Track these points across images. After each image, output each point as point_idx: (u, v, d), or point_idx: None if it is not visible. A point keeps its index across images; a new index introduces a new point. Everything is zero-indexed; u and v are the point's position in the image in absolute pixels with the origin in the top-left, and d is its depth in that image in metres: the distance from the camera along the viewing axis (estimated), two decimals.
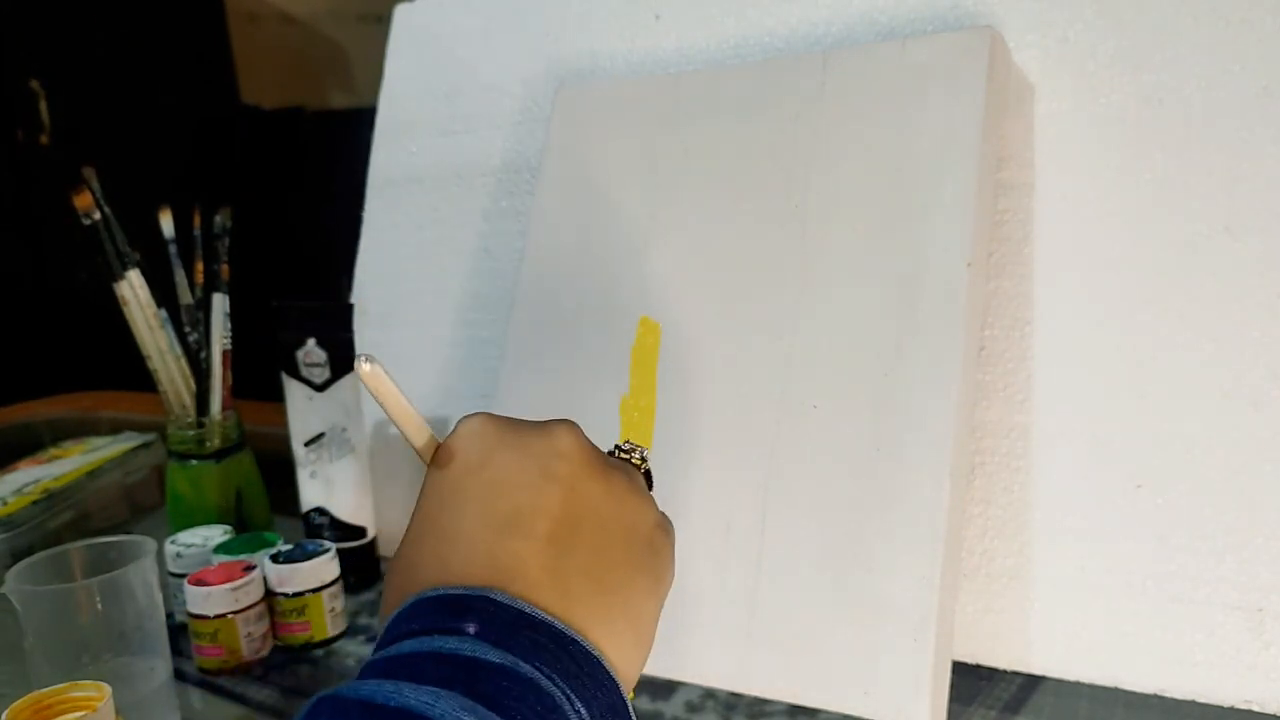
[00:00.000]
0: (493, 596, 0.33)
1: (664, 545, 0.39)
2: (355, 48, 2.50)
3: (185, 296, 0.73)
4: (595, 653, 0.34)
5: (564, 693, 0.32)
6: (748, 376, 0.58)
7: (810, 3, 0.65)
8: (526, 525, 0.35)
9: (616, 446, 0.41)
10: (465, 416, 0.38)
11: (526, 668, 0.31)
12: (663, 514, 0.40)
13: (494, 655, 0.31)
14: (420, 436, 0.38)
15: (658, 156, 0.65)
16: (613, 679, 0.34)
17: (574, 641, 0.33)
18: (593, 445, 0.38)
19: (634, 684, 0.36)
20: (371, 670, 0.31)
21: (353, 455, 0.72)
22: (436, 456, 0.38)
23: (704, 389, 0.60)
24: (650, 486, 0.41)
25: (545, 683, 0.31)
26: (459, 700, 0.29)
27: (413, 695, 0.29)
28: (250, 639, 0.62)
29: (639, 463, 0.41)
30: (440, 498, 0.37)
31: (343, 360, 0.71)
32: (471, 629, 0.32)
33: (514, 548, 0.34)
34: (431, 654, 0.31)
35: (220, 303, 0.74)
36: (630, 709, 0.34)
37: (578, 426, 0.38)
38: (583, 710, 0.32)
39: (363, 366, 0.36)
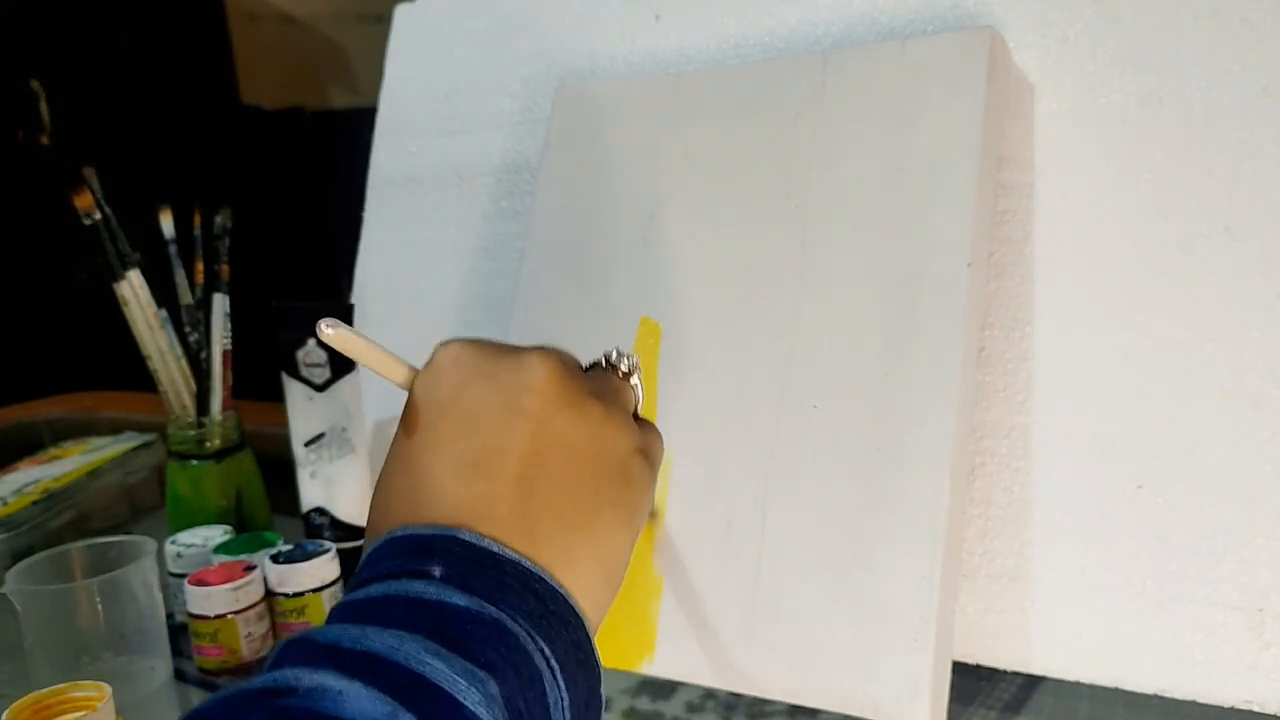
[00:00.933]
0: (459, 536, 0.33)
1: (639, 473, 0.38)
2: (355, 48, 2.50)
3: (185, 296, 0.73)
4: (561, 590, 0.34)
5: (528, 632, 0.32)
6: (748, 376, 0.58)
7: (810, 3, 0.65)
8: (494, 465, 0.35)
9: (605, 355, 0.41)
10: (442, 343, 0.38)
11: (491, 609, 0.32)
12: (645, 434, 0.39)
13: (459, 598, 0.31)
14: (399, 374, 0.38)
15: (658, 156, 0.65)
16: (577, 615, 0.34)
17: (540, 580, 0.34)
18: (569, 372, 0.37)
19: (602, 618, 0.36)
20: (340, 613, 0.32)
21: (353, 455, 0.72)
22: (413, 387, 0.38)
23: (704, 389, 0.60)
24: (638, 402, 0.41)
25: (509, 623, 0.32)
26: (424, 644, 0.30)
27: (378, 639, 0.29)
28: (250, 639, 0.62)
29: (625, 373, 0.40)
30: (412, 434, 0.37)
31: (343, 360, 0.71)
32: (437, 571, 0.32)
33: (481, 489, 0.35)
34: (399, 597, 0.31)
35: (220, 303, 0.74)
36: (593, 645, 0.35)
37: (554, 353, 0.37)
38: (545, 648, 0.32)
39: (325, 331, 0.36)
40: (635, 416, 0.42)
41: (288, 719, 0.27)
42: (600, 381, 0.40)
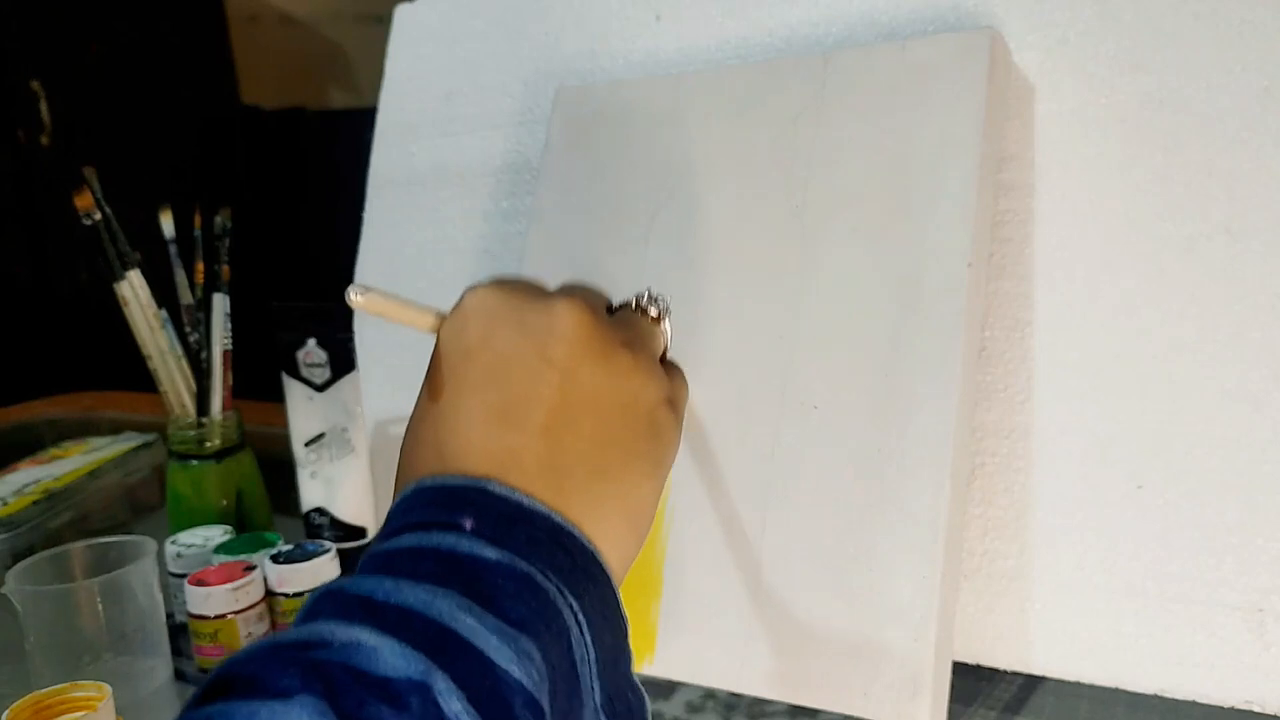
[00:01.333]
0: (489, 489, 0.33)
1: (666, 423, 0.38)
2: (355, 48, 2.50)
3: (186, 297, 0.73)
4: (589, 546, 0.34)
5: (558, 587, 0.32)
6: (748, 377, 0.58)
7: (811, 3, 0.65)
8: (522, 415, 0.35)
9: (635, 297, 0.40)
10: (471, 287, 0.38)
11: (522, 564, 0.32)
12: (672, 380, 0.39)
13: (490, 552, 0.31)
14: (428, 322, 0.37)
15: (658, 157, 0.65)
16: (604, 570, 0.34)
17: (569, 535, 0.34)
18: (598, 319, 0.37)
19: (627, 570, 0.37)
20: (371, 563, 0.32)
21: (353, 455, 0.72)
22: (439, 333, 0.37)
23: (704, 389, 0.60)
24: (667, 345, 0.40)
25: (539, 578, 0.32)
26: (456, 599, 0.30)
27: (411, 593, 0.29)
28: (250, 639, 0.62)
29: (655, 317, 0.40)
30: (441, 380, 0.37)
31: (343, 360, 0.71)
32: (468, 524, 0.32)
33: (509, 440, 0.34)
34: (431, 550, 0.31)
35: (221, 303, 0.74)
36: (619, 600, 0.35)
37: (582, 298, 0.37)
38: (574, 604, 0.32)
39: (356, 299, 0.36)
40: (663, 360, 0.42)
41: (322, 673, 0.27)
42: (629, 326, 0.39)
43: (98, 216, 0.71)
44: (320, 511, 0.73)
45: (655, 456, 0.38)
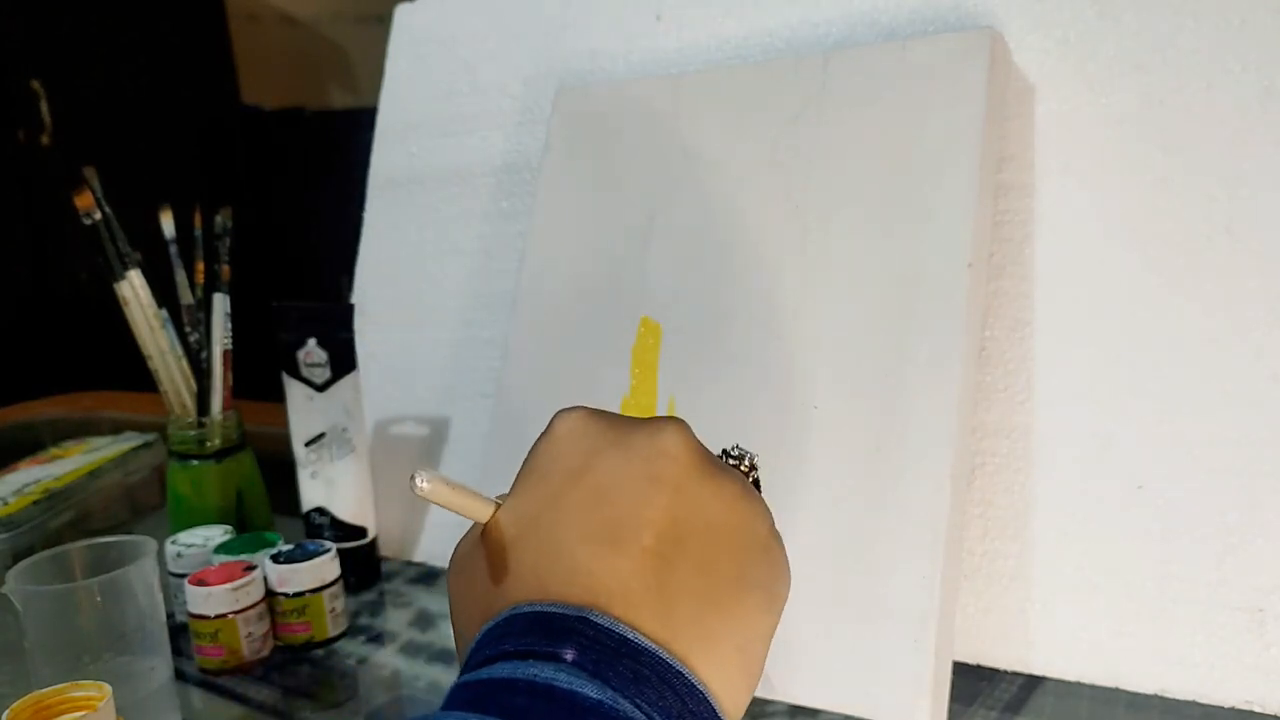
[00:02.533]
0: (592, 618, 0.31)
1: (779, 554, 0.36)
2: (355, 48, 2.50)
3: (186, 296, 0.73)
4: (701, 688, 0.31)
5: None
6: (748, 376, 0.58)
7: (811, 3, 0.65)
8: (630, 537, 0.32)
9: (724, 451, 0.38)
10: (562, 411, 0.36)
11: (626, 705, 0.29)
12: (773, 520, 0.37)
13: (591, 689, 0.29)
14: (485, 513, 0.35)
15: (658, 157, 0.65)
16: (716, 715, 0.31)
17: (678, 674, 0.31)
18: (702, 445, 0.35)
19: (740, 716, 0.33)
20: (461, 694, 0.29)
21: (353, 455, 0.72)
22: (531, 456, 0.35)
23: (704, 389, 0.60)
24: (760, 492, 0.38)
25: None
26: None
27: None
28: (251, 639, 0.62)
29: (748, 469, 0.38)
30: (539, 504, 0.34)
31: (343, 360, 0.71)
32: (569, 655, 0.30)
33: (615, 564, 0.32)
34: (526, 683, 0.29)
35: (221, 303, 0.74)
36: None
37: (686, 424, 0.35)
38: None
39: (422, 486, 0.33)
40: None
41: None
42: (726, 465, 0.37)
43: (98, 216, 0.71)
44: (320, 511, 0.73)
45: (771, 588, 0.35)
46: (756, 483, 0.38)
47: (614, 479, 0.33)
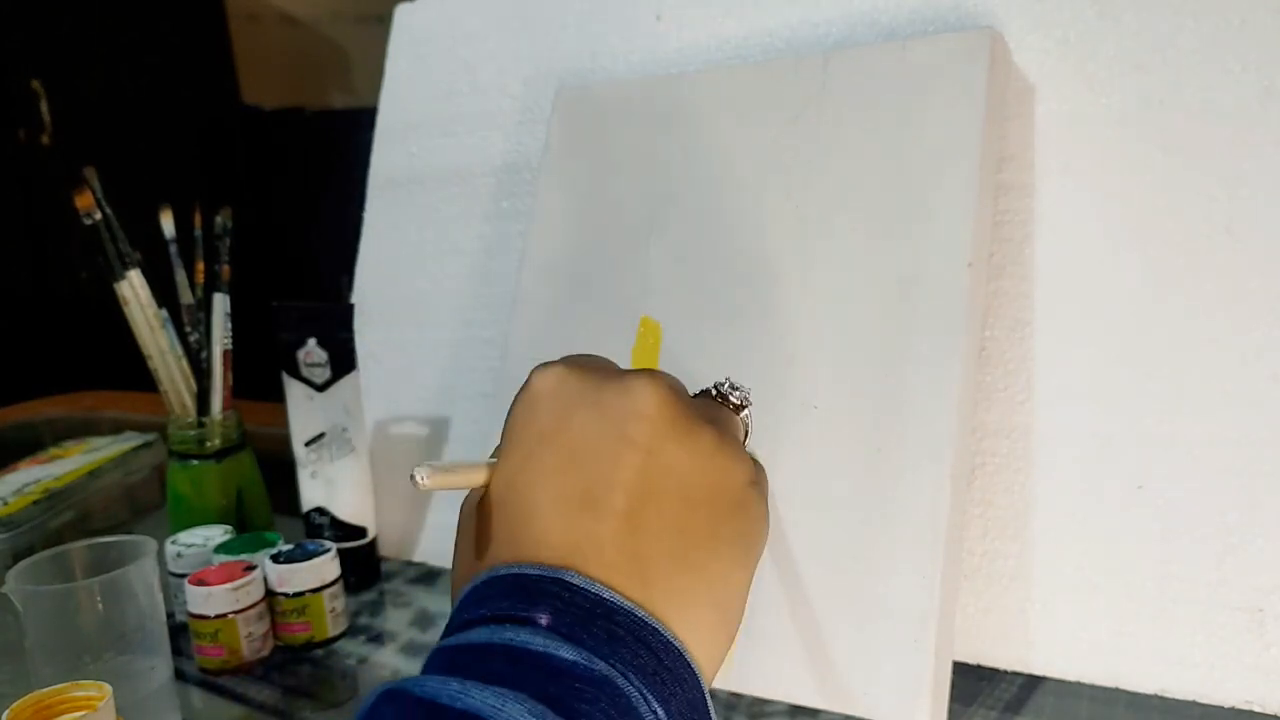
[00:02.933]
0: (567, 579, 0.31)
1: (755, 505, 0.35)
2: (355, 48, 2.50)
3: (186, 296, 0.73)
4: (676, 643, 0.31)
5: (640, 692, 0.30)
6: (748, 376, 0.58)
7: (811, 3, 0.65)
8: (602, 500, 0.32)
9: (715, 386, 0.38)
10: (539, 367, 0.36)
11: (601, 665, 0.29)
12: (755, 464, 0.37)
13: (566, 650, 0.29)
14: (484, 476, 0.35)
15: (658, 157, 0.65)
16: (693, 671, 0.32)
17: (654, 631, 0.31)
18: (679, 397, 0.35)
19: (717, 670, 0.34)
20: (439, 659, 0.30)
21: (353, 455, 0.72)
22: (509, 415, 0.35)
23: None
24: (748, 433, 0.38)
25: (620, 680, 0.29)
26: (527, 703, 0.27)
27: (478, 696, 0.27)
28: (251, 639, 0.63)
29: (737, 405, 0.38)
30: (515, 466, 0.34)
31: (343, 360, 0.71)
32: (544, 619, 0.30)
33: (589, 526, 0.32)
34: (502, 647, 0.29)
35: (221, 303, 0.74)
36: (709, 704, 0.32)
37: (662, 377, 0.35)
38: (659, 710, 0.30)
39: (423, 482, 0.33)
40: None
41: None
42: (710, 409, 0.37)
43: (98, 216, 0.71)
44: (320, 511, 0.73)
45: (745, 542, 0.35)
46: (747, 421, 0.38)
47: (586, 440, 0.33)
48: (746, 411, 0.38)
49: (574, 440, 0.34)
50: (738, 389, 0.38)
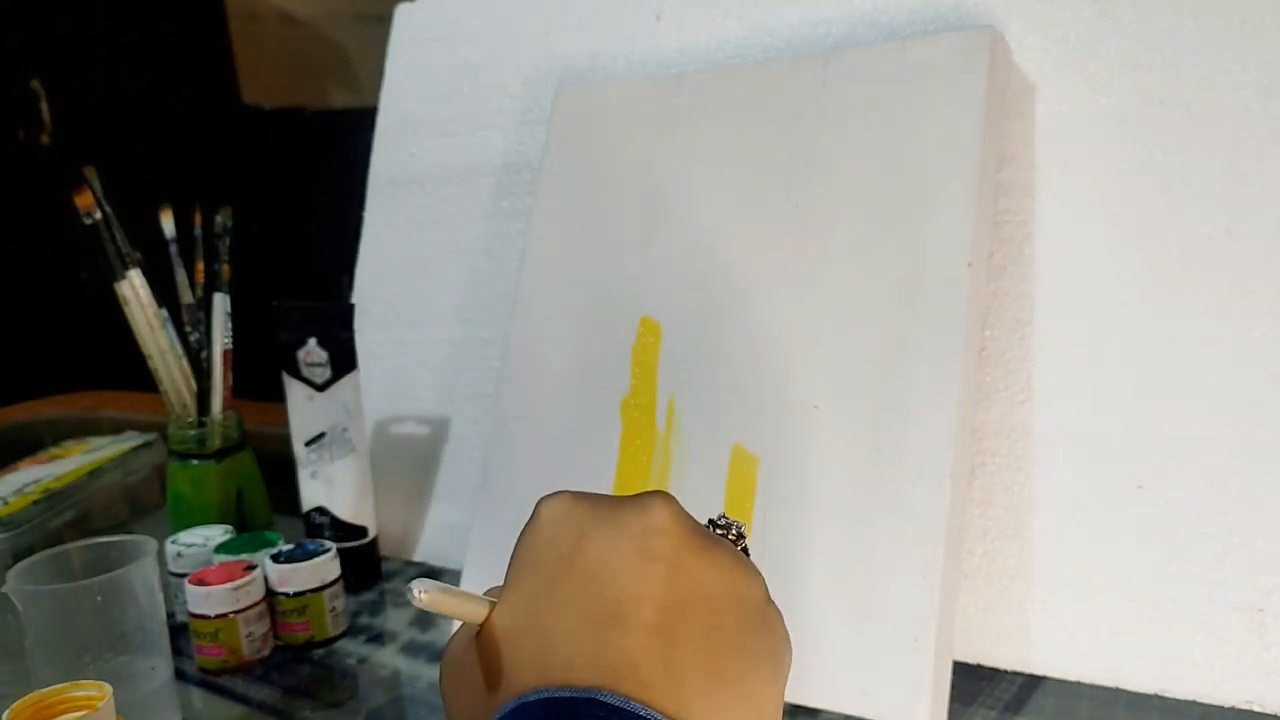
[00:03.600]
0: (601, 699, 0.30)
1: (779, 623, 0.35)
2: (356, 48, 2.50)
3: (186, 296, 0.73)
4: None
5: None
6: (748, 376, 0.58)
7: (811, 3, 0.65)
8: (631, 616, 0.32)
9: (711, 521, 0.38)
10: (545, 498, 0.35)
11: None
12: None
13: None
14: (483, 613, 0.35)
15: (658, 156, 0.65)
16: None
17: None
18: (690, 517, 0.35)
19: None
20: None
21: (353, 455, 0.72)
22: (517, 546, 0.35)
23: (704, 389, 0.60)
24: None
25: None
26: None
27: None
28: (251, 638, 0.62)
29: (735, 539, 0.38)
30: (534, 593, 0.34)
31: (343, 360, 0.71)
32: None
33: (620, 643, 0.31)
34: None
35: (221, 302, 0.74)
36: None
37: (672, 498, 0.35)
38: None
39: (420, 597, 0.32)
40: None
41: None
42: (713, 534, 0.37)
43: (98, 216, 0.71)
44: (320, 511, 0.73)
45: (774, 657, 0.34)
46: (745, 552, 0.38)
47: (607, 559, 0.33)
48: (744, 544, 0.38)
49: (593, 561, 0.33)
50: (732, 523, 0.39)
